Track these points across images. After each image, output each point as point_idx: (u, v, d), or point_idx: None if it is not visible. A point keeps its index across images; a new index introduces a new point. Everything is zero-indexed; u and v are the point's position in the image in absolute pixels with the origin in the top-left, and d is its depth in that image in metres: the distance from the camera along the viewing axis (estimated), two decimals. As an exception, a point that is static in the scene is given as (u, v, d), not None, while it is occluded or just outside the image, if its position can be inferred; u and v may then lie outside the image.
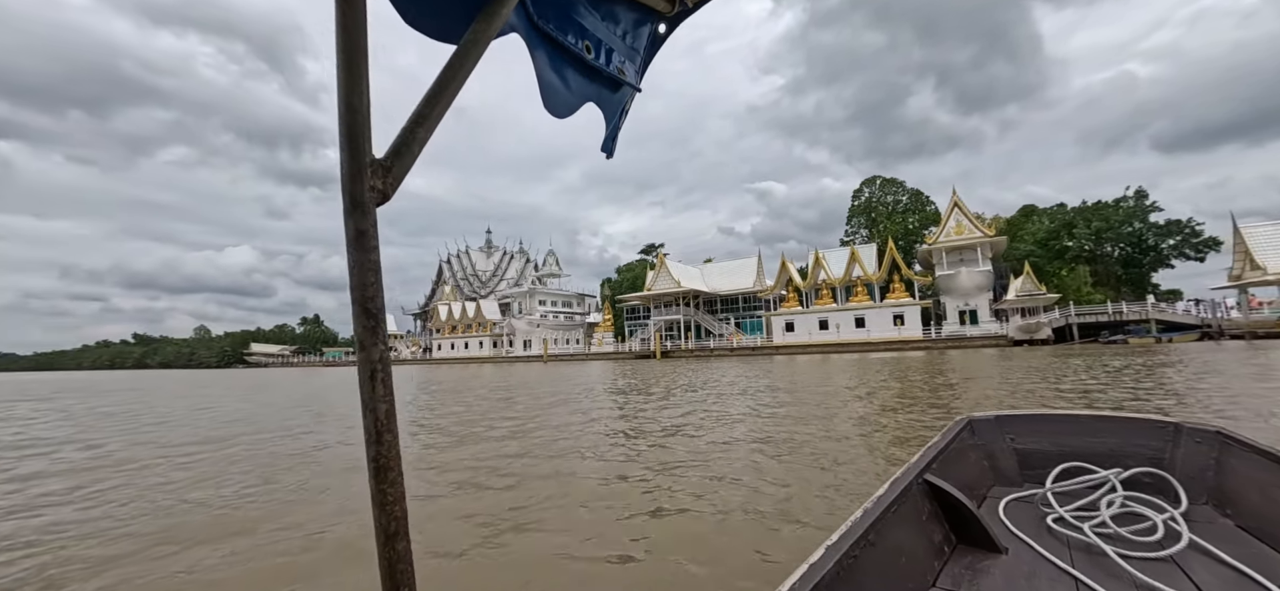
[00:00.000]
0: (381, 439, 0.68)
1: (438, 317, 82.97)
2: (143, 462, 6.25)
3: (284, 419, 10.21)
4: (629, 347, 58.94)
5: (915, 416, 7.63)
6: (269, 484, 5.05)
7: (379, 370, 0.68)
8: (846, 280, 48.69)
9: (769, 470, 4.88)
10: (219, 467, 5.84)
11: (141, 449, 7.20)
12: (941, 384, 12.41)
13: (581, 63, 1.08)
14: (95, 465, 6.20)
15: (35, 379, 51.96)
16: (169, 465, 6.03)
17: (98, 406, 14.49)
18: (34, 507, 4.51)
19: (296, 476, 5.31)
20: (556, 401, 11.78)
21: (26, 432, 9.26)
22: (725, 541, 3.24)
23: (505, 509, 4.03)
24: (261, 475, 5.41)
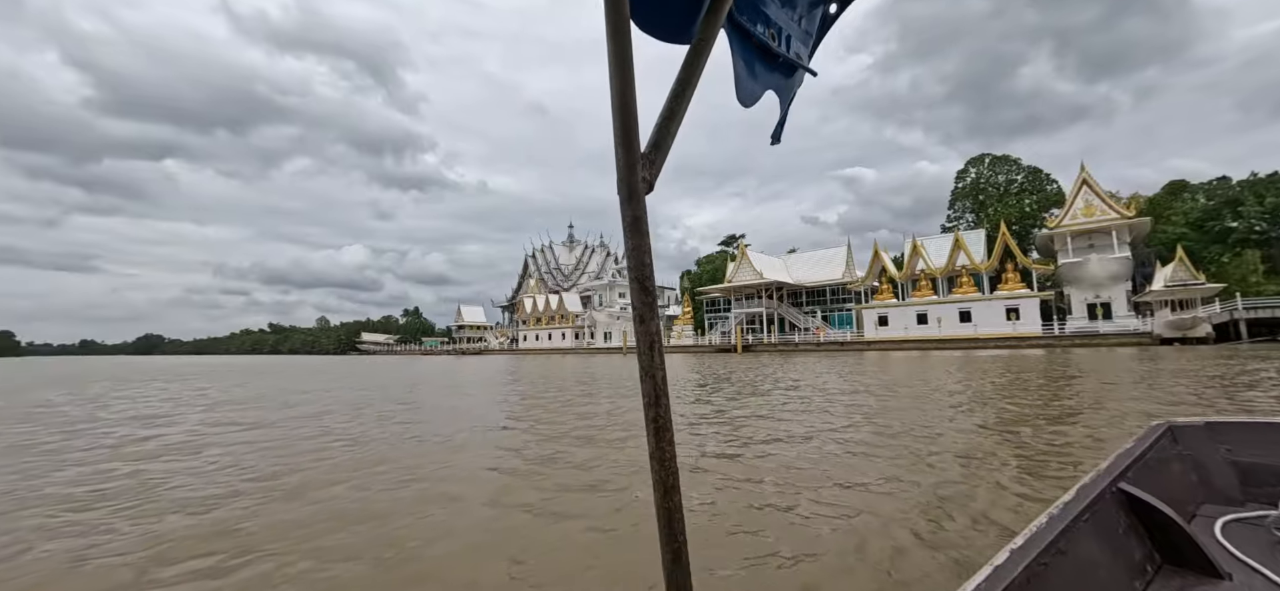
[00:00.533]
0: (659, 402, 0.78)
1: (523, 310, 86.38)
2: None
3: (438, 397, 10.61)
4: (708, 341, 57.80)
5: (1059, 436, 6.24)
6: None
7: (656, 341, 0.78)
8: (949, 270, 44.35)
9: (869, 510, 3.97)
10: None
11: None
12: (1081, 390, 10.47)
13: (767, 51, 1.10)
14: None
15: (221, 362, 59.99)
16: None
17: (302, 386, 16.09)
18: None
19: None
20: (635, 395, 11.30)
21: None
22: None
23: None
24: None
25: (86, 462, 5.85)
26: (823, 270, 57.37)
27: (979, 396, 10.18)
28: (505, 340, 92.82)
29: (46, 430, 8.27)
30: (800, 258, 61.90)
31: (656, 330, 0.78)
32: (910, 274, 46.76)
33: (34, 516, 4.10)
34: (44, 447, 6.75)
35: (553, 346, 78.07)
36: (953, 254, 43.86)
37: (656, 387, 0.77)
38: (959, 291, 43.48)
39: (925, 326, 44.01)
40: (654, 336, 0.78)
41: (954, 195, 59.77)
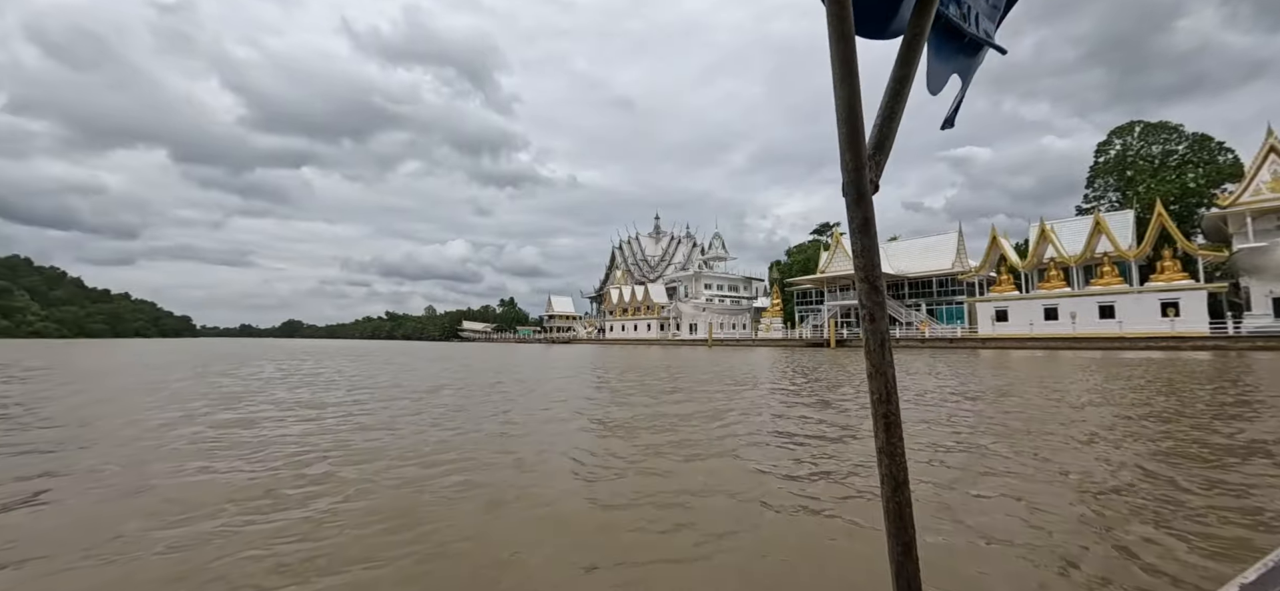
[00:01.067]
0: (890, 398, 0.80)
1: (609, 301, 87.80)
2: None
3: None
4: (799, 335, 55.11)
5: (1249, 487, 4.70)
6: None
7: (887, 340, 0.80)
8: (1086, 258, 38.57)
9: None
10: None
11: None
12: (1272, 407, 8.21)
13: (956, 32, 1.07)
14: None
15: (351, 345, 67.40)
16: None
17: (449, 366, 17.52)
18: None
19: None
20: (721, 390, 10.58)
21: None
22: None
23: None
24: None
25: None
26: (929, 259, 52.43)
27: (1120, 411, 8.31)
28: (593, 330, 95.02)
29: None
30: (903, 246, 57.05)
31: (886, 329, 0.80)
32: (1037, 263, 41.31)
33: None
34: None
35: (638, 337, 78.61)
36: (1091, 239, 38.05)
37: (888, 385, 0.80)
38: (1099, 282, 37.68)
39: (1054, 323, 38.67)
40: (883, 335, 0.80)
41: (1094, 171, 51.88)
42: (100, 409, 8.98)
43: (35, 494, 4.31)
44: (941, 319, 48.89)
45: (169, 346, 52.87)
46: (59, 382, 13.32)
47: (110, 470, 5.03)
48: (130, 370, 17.55)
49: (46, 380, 13.87)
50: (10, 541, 3.39)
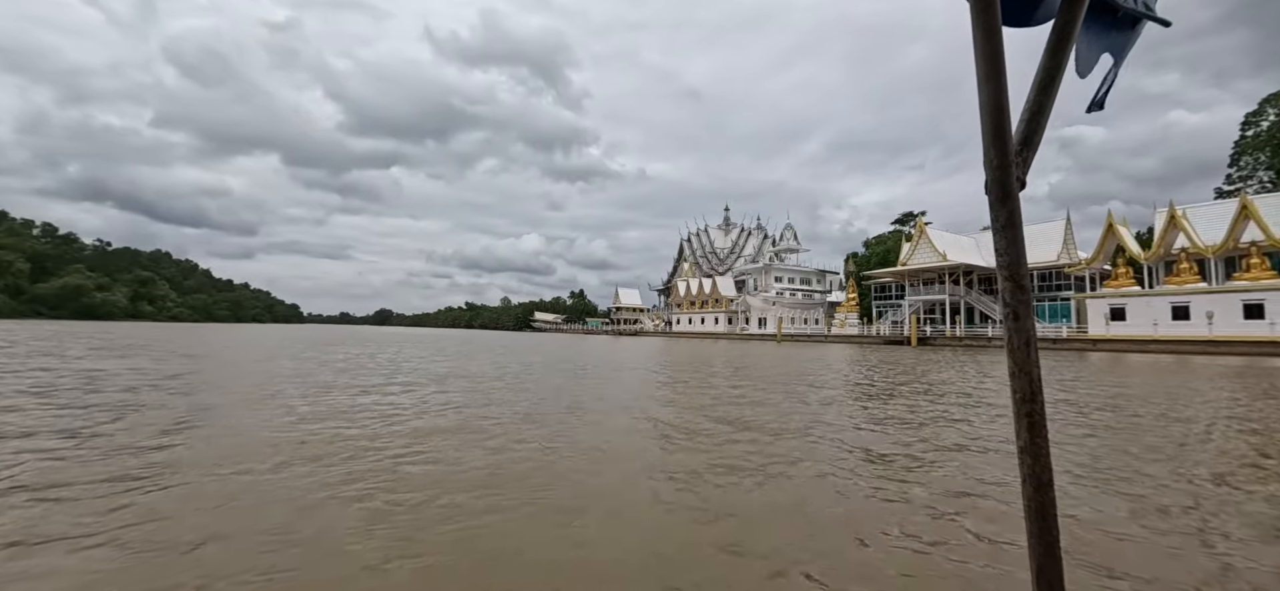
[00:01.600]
0: (1034, 397, 0.80)
1: (676, 293, 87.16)
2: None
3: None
4: (876, 331, 51.90)
5: None
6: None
7: (1032, 339, 0.81)
8: (1228, 248, 33.25)
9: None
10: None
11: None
12: None
13: (1109, 8, 1.01)
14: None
15: (435, 333, 72.01)
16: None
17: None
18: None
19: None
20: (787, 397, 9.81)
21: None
22: None
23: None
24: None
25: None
26: (1030, 250, 47.00)
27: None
28: (660, 323, 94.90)
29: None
30: (997, 236, 52.07)
31: (1031, 328, 0.81)
32: (1163, 254, 36.17)
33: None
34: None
35: (706, 331, 77.50)
36: (1236, 225, 32.71)
37: (1033, 385, 0.80)
38: (1244, 277, 32.34)
39: (1185, 323, 33.67)
40: (1029, 334, 0.80)
41: (1239, 147, 44.66)
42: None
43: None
44: (1044, 317, 44.17)
45: (283, 331, 58.37)
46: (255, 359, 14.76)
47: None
48: (265, 359, 19.24)
49: (221, 361, 15.41)
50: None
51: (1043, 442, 0.80)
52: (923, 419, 8.08)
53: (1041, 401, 0.80)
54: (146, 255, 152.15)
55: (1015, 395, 0.81)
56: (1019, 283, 0.80)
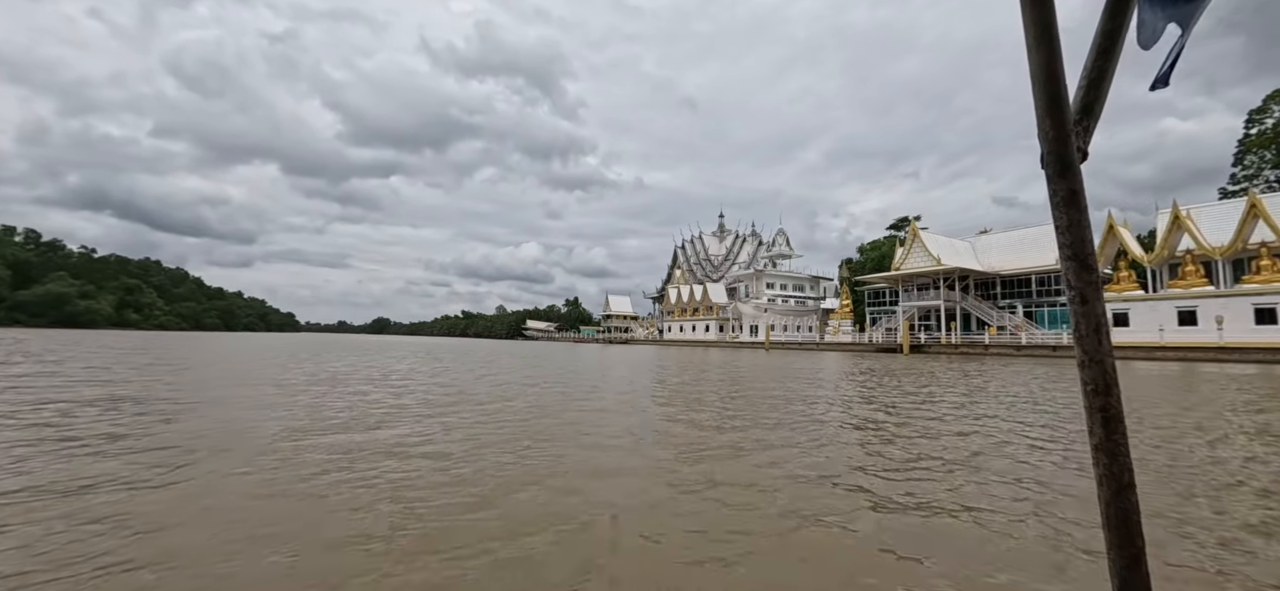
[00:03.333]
0: (1109, 390, 0.73)
1: (668, 301, 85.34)
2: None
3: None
4: (869, 338, 50.00)
5: None
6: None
7: (1103, 324, 0.74)
8: (1236, 250, 31.49)
9: None
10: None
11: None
12: None
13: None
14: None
15: (424, 342, 70.15)
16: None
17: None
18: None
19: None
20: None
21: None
22: None
23: None
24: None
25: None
26: (1026, 254, 45.74)
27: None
28: (652, 331, 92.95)
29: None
30: (994, 239, 50.35)
31: (1102, 312, 0.74)
32: (1167, 256, 34.41)
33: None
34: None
35: (696, 339, 75.59)
36: (1244, 226, 30.96)
37: (1106, 375, 0.73)
38: (1255, 279, 30.53)
39: (1192, 328, 31.82)
40: (1099, 318, 0.74)
41: (1244, 146, 42.99)
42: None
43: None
44: (1042, 323, 42.30)
45: (268, 340, 56.41)
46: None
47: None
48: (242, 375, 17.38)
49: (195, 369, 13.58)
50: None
51: (1121, 439, 0.72)
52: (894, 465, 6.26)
53: (1117, 393, 0.73)
54: (135, 263, 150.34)
55: (1086, 386, 0.74)
56: (1084, 261, 0.73)
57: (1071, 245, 0.74)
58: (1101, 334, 0.73)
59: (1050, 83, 0.73)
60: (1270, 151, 41.43)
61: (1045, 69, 0.72)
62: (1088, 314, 0.74)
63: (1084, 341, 0.74)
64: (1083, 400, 0.75)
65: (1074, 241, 0.74)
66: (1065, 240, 0.75)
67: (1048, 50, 0.71)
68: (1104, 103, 0.79)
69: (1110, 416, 0.73)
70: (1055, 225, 0.76)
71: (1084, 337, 0.74)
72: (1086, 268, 0.74)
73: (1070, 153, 0.74)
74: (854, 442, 6.42)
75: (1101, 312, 0.74)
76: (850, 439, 6.65)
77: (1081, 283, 0.74)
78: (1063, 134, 0.73)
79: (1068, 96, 0.74)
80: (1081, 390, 0.75)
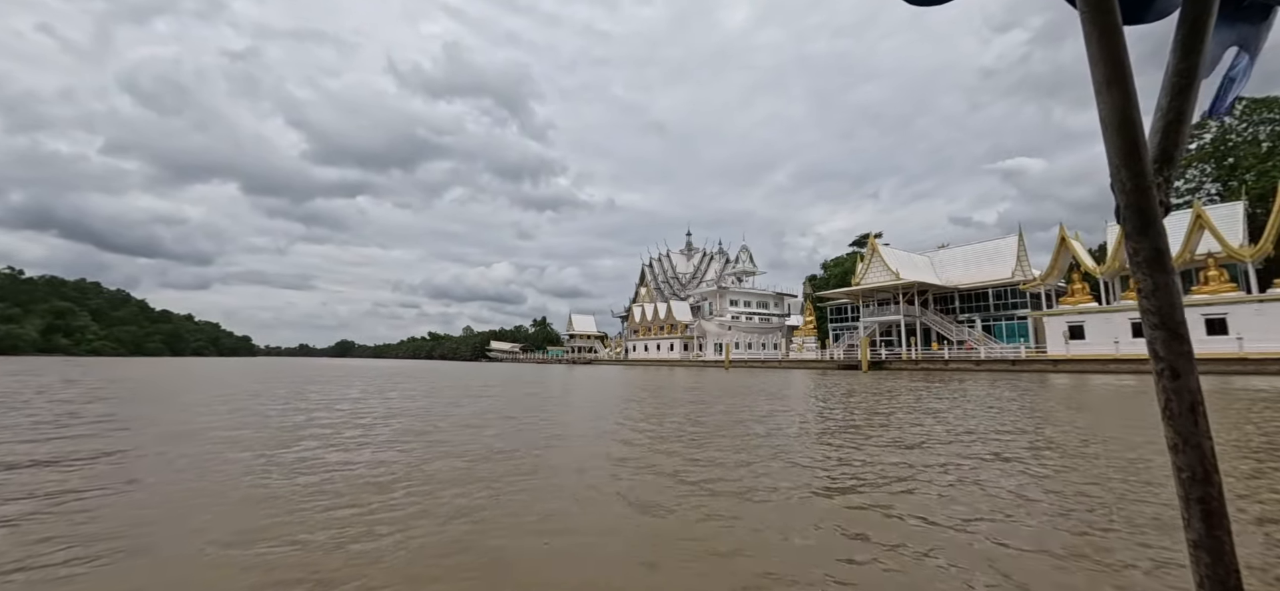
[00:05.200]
0: (1209, 478, 0.63)
1: (633, 319, 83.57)
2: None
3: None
4: (830, 355, 49.08)
5: None
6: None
7: (1198, 403, 0.63)
8: (1185, 260, 31.52)
9: None
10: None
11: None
12: None
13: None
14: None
15: (389, 365, 66.22)
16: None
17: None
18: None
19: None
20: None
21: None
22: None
23: None
24: None
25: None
26: (983, 268, 45.64)
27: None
28: (620, 350, 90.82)
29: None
30: (953, 254, 50.32)
31: (1197, 388, 0.64)
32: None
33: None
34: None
35: (660, 358, 73.84)
36: (1191, 236, 31.02)
37: (1205, 462, 0.62)
38: (1204, 290, 30.52)
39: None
40: (1194, 397, 0.63)
41: (1186, 160, 44.06)
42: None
43: None
44: (1000, 336, 41.99)
45: (207, 365, 52.12)
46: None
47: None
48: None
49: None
50: None
51: (1225, 536, 0.62)
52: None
53: (1218, 482, 0.62)
54: (70, 284, 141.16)
55: (1181, 473, 0.63)
56: (1175, 331, 0.63)
57: (1158, 312, 0.64)
58: (1197, 414, 0.63)
59: (1127, 128, 0.63)
60: (1210, 164, 42.48)
61: (1119, 113, 0.63)
62: (1180, 391, 0.63)
63: (1177, 422, 0.63)
64: (1177, 488, 0.65)
65: (1161, 306, 0.64)
66: (1151, 306, 0.65)
67: (1122, 93, 0.63)
68: (1182, 149, 0.70)
69: (1211, 511, 0.62)
70: (1138, 289, 0.66)
71: (1177, 418, 0.63)
72: (1177, 338, 0.63)
73: (1152, 206, 0.64)
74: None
75: (1196, 390, 0.63)
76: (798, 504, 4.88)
77: (1171, 355, 0.63)
78: (1144, 185, 0.64)
79: (1145, 144, 0.64)
80: (1175, 477, 0.65)
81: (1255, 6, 0.82)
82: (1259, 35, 0.84)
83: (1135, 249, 0.65)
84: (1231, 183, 40.10)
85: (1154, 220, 0.65)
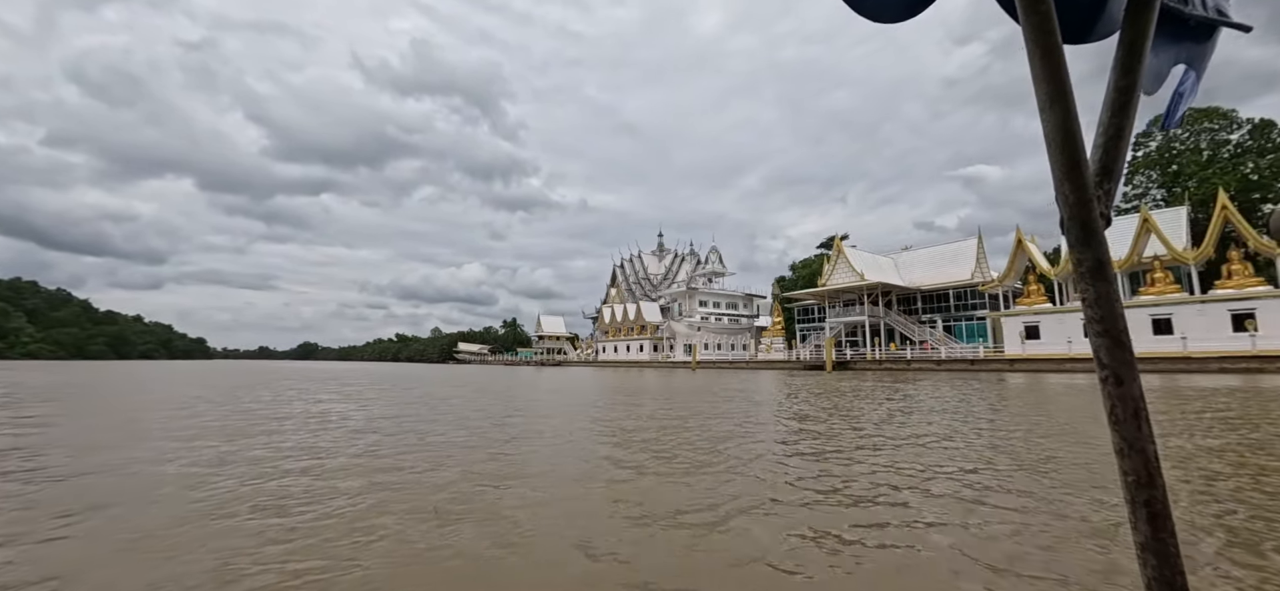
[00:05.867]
0: (1153, 481, 0.65)
1: (603, 320, 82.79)
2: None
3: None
4: (797, 356, 49.29)
5: None
6: None
7: (1141, 408, 0.65)
8: (1133, 262, 32.51)
9: None
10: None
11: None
12: None
13: (1178, 18, 0.89)
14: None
15: (348, 367, 63.47)
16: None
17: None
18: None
19: None
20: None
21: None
22: None
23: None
24: None
25: None
26: (945, 270, 46.48)
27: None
28: (590, 351, 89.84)
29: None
30: (915, 255, 51.15)
31: (1139, 394, 0.65)
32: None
33: None
34: None
35: (630, 359, 73.26)
36: (1138, 240, 32.01)
37: (1149, 465, 0.64)
38: (1150, 291, 31.53)
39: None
40: (1137, 402, 0.65)
41: (1133, 166, 45.72)
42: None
43: None
44: (960, 337, 42.76)
45: (144, 370, 49.01)
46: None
47: None
48: None
49: None
50: None
51: (1170, 538, 0.64)
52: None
53: (1162, 484, 0.64)
54: (4, 283, 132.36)
55: (1126, 477, 0.65)
56: (1117, 339, 0.65)
57: (1102, 320, 0.66)
58: (1141, 419, 0.65)
59: (1068, 144, 0.65)
60: (1156, 171, 44.16)
61: (1061, 130, 0.65)
62: (1124, 396, 0.65)
63: (1121, 427, 0.65)
64: (1123, 492, 0.66)
65: (1104, 315, 0.66)
66: (1094, 315, 0.66)
67: (1063, 110, 0.65)
68: (1124, 163, 0.72)
69: (1156, 512, 0.64)
70: (1082, 298, 0.67)
71: (1122, 423, 0.65)
72: (1119, 345, 0.65)
73: (1093, 218, 0.66)
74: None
75: (1139, 396, 0.65)
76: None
77: (1115, 362, 0.65)
78: (1085, 197, 0.66)
79: (1087, 158, 0.67)
80: (1121, 481, 0.66)
81: (1200, 27, 0.86)
82: (1204, 53, 0.88)
83: (1079, 259, 0.67)
84: (1176, 189, 41.77)
85: (1095, 231, 0.67)
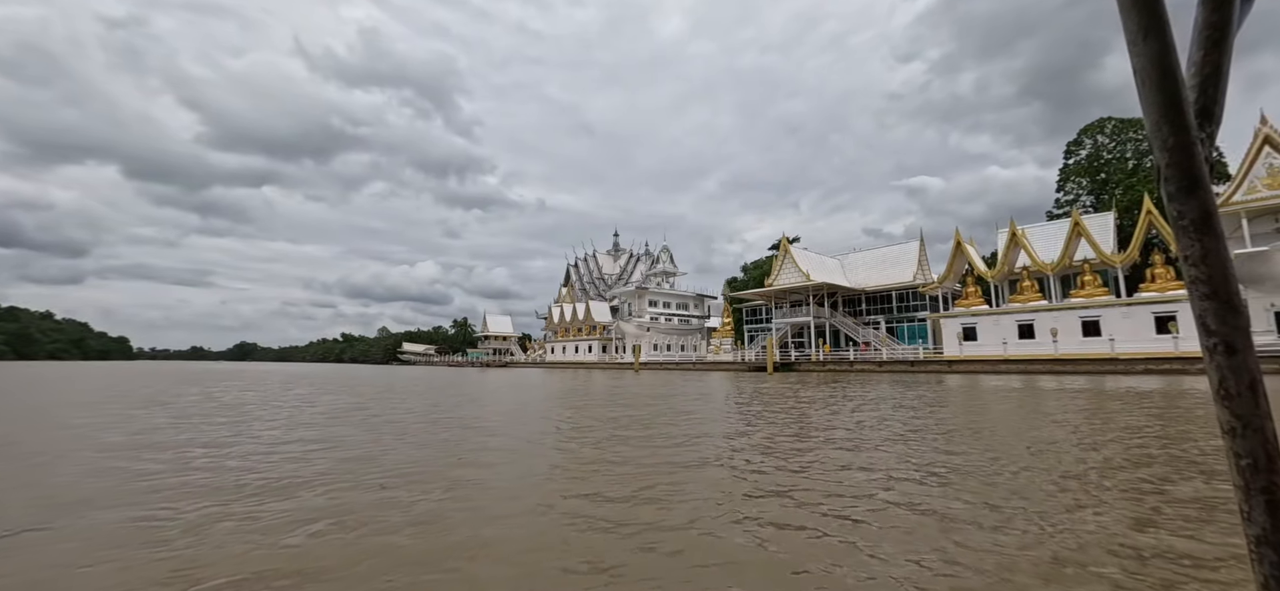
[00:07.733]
0: (1273, 465, 0.54)
1: (552, 320, 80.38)
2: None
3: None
4: (742, 357, 48.52)
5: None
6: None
7: (1258, 381, 0.55)
8: (1064, 265, 33.00)
9: None
10: None
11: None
12: None
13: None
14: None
15: (296, 368, 58.23)
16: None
17: None
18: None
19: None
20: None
21: None
22: None
23: None
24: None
25: None
26: (888, 272, 46.67)
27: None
28: (541, 352, 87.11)
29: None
30: (861, 257, 51.32)
31: (1255, 365, 0.55)
32: (1008, 272, 35.61)
33: None
34: None
35: (578, 360, 71.18)
36: (1069, 243, 32.49)
37: (1267, 445, 0.53)
38: (1080, 294, 32.04)
39: (1031, 341, 32.78)
40: (1254, 374, 0.55)
41: (1065, 173, 47.15)
42: None
43: None
44: (902, 338, 42.88)
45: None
46: None
47: None
48: None
49: None
50: None
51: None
52: None
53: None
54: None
55: (1237, 460, 0.54)
56: (1227, 301, 0.54)
57: (1209, 280, 0.55)
58: (1258, 394, 0.54)
59: (1165, 82, 0.56)
60: (1086, 178, 45.68)
61: (1157, 66, 0.56)
62: (1237, 368, 0.54)
63: (1234, 403, 0.54)
64: (1234, 477, 0.55)
65: (1212, 275, 0.55)
66: (1200, 274, 0.55)
67: (1160, 42, 0.55)
68: (1223, 105, 0.61)
69: (1276, 501, 0.52)
70: (1183, 255, 0.56)
71: (1235, 398, 0.54)
72: (1232, 309, 0.54)
73: (1198, 164, 0.56)
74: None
75: (1255, 367, 0.54)
76: None
77: (1225, 328, 0.54)
78: (1187, 140, 0.56)
79: (1188, 97, 0.57)
80: (1231, 465, 0.55)
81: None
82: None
83: (1180, 211, 0.56)
84: (1104, 195, 43.18)
85: (1200, 178, 0.56)
